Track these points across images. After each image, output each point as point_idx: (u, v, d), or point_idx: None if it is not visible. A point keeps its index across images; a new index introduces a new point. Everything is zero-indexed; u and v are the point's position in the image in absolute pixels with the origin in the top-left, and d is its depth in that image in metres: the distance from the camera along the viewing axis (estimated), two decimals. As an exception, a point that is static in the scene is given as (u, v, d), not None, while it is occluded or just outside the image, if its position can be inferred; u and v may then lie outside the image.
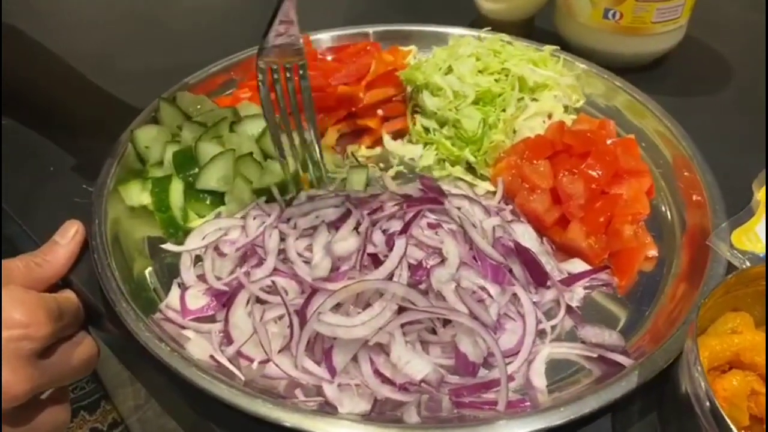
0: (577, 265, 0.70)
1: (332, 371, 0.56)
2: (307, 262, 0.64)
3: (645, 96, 0.88)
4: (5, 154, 0.87)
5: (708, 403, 0.46)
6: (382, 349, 0.58)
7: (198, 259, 0.70)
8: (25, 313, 0.56)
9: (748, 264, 0.65)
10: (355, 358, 0.58)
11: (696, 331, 0.49)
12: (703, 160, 0.77)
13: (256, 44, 0.97)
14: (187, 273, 0.68)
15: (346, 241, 0.64)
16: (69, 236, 0.70)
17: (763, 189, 0.72)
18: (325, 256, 0.63)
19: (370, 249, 0.64)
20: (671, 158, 0.81)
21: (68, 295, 0.67)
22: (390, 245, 0.64)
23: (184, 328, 0.63)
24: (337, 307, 0.60)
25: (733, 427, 0.43)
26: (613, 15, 0.94)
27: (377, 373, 0.57)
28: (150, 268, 0.70)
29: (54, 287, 0.68)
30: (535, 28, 1.11)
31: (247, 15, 1.23)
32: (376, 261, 0.62)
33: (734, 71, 1.03)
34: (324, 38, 1.01)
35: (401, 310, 0.58)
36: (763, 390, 0.52)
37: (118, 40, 1.15)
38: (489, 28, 0.98)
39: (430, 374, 0.55)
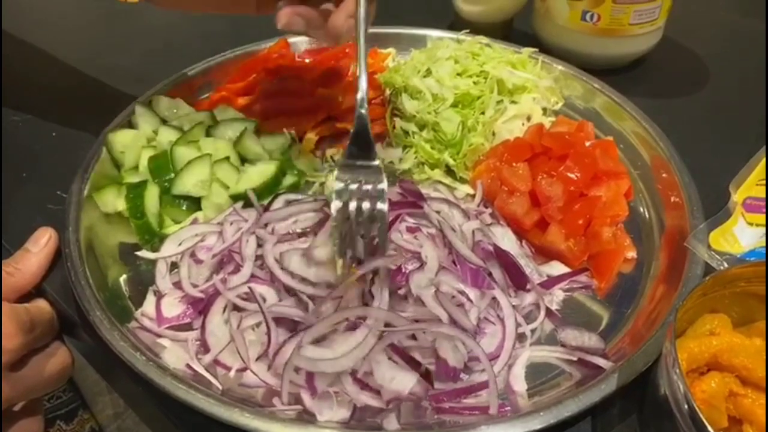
0: (557, 268, 0.70)
1: (313, 392, 0.55)
2: (285, 269, 0.63)
3: (623, 97, 0.89)
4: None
5: (686, 406, 0.46)
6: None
7: (174, 266, 0.68)
8: None
9: (725, 265, 0.65)
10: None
11: (674, 334, 0.49)
12: (680, 161, 0.78)
13: (233, 47, 0.98)
14: (163, 280, 0.67)
15: (326, 247, 0.63)
16: (41, 244, 0.69)
17: (740, 190, 0.72)
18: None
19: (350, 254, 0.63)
20: (649, 159, 0.82)
21: (41, 305, 0.65)
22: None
23: (159, 336, 0.62)
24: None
25: (711, 429, 0.43)
26: (591, 17, 0.94)
27: (356, 380, 0.56)
28: (125, 276, 0.69)
29: (27, 296, 0.67)
30: (513, 30, 1.11)
31: (223, 18, 1.22)
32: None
33: (711, 72, 1.04)
34: (302, 40, 1.00)
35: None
36: (741, 391, 0.52)
37: (92, 42, 1.13)
38: (467, 30, 0.98)
39: (415, 386, 0.55)
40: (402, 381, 0.55)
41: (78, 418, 1.15)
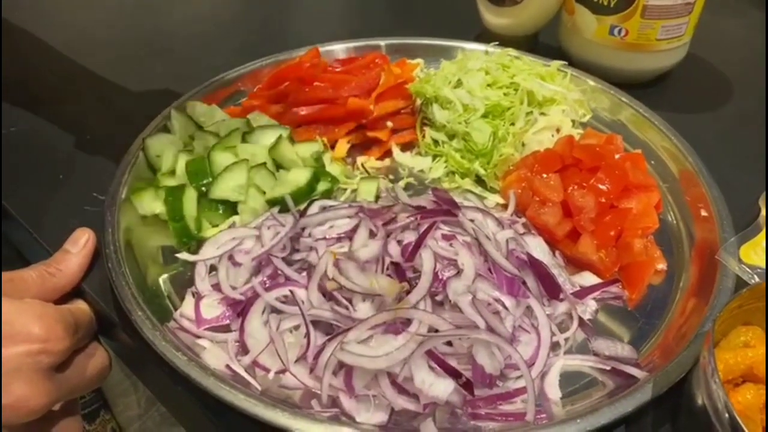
0: (588, 278, 0.71)
1: (351, 390, 0.56)
2: (325, 273, 0.64)
3: (650, 111, 0.90)
4: (14, 163, 0.87)
5: (727, 415, 0.47)
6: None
7: (212, 269, 0.69)
8: (43, 327, 0.56)
9: (756, 278, 0.66)
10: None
11: (712, 343, 0.49)
12: (708, 174, 0.79)
13: (262, 55, 1.00)
14: (202, 282, 0.68)
15: (368, 247, 0.64)
16: (80, 245, 0.70)
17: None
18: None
19: (387, 259, 0.64)
20: (677, 173, 0.82)
21: (82, 307, 0.66)
22: (405, 256, 0.64)
23: (198, 337, 0.63)
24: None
25: (752, 439, 0.44)
26: (619, 32, 0.95)
27: (394, 384, 0.57)
28: (163, 277, 0.70)
29: (66, 296, 0.68)
30: (538, 43, 1.12)
31: (256, 26, 1.24)
32: (398, 270, 0.62)
33: (735, 88, 1.05)
34: (334, 50, 1.02)
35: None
36: (777, 403, 0.53)
37: (127, 50, 1.15)
38: (497, 42, 0.99)
39: (453, 393, 0.55)
40: (440, 387, 0.55)
41: (100, 418, 1.16)
